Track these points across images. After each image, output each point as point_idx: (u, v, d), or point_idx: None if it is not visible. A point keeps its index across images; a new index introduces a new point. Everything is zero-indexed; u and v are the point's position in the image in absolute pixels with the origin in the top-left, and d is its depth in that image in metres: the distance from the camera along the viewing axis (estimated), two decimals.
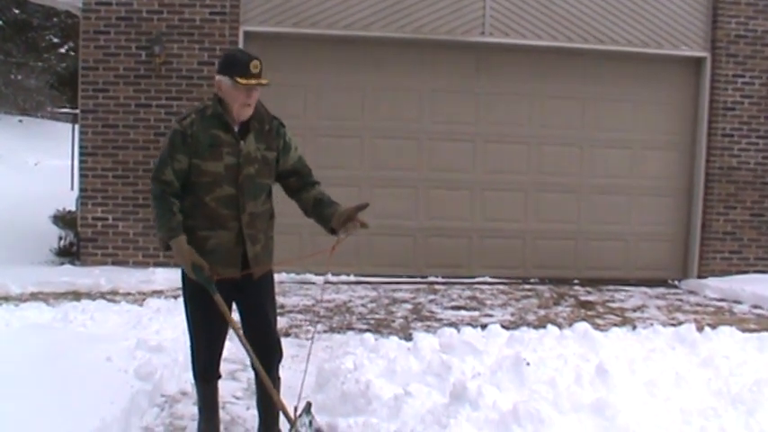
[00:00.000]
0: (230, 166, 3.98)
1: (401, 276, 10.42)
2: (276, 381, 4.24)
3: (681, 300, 9.79)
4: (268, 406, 4.23)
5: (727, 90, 10.87)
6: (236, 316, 4.25)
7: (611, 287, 10.47)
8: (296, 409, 4.05)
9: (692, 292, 10.35)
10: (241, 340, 4.08)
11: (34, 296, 8.30)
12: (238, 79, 3.87)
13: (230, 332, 4.26)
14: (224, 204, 4.01)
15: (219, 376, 4.40)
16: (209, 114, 4.01)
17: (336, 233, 4.06)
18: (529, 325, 7.48)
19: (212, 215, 4.01)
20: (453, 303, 9.01)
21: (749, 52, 10.85)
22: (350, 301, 8.93)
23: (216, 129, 3.99)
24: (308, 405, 4.15)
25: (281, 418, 4.17)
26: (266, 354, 4.15)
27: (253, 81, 3.88)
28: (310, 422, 4.09)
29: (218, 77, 3.99)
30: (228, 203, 4.01)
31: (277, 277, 4.33)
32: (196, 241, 3.99)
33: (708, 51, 10.88)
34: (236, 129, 4.02)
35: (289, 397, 4.23)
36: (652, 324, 7.35)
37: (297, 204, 4.27)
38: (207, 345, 4.22)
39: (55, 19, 24.07)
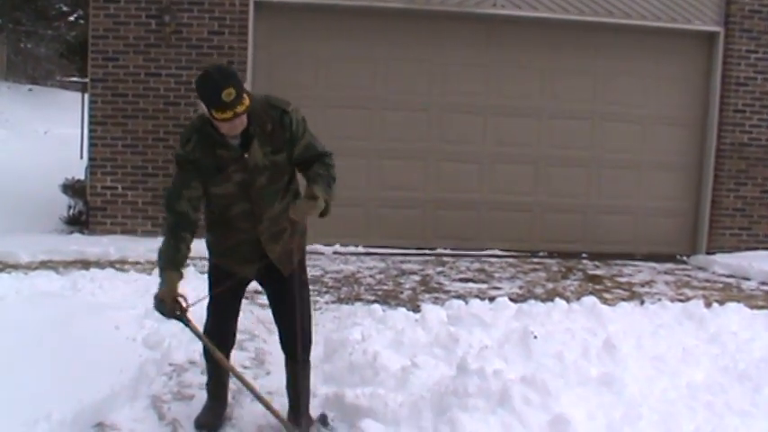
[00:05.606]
0: (241, 183, 3.87)
1: (409, 248, 10.41)
2: (305, 367, 4.21)
3: (689, 275, 9.77)
4: (294, 393, 4.21)
5: (739, 65, 10.77)
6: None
7: (619, 262, 10.44)
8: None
9: (700, 268, 10.31)
10: (242, 381, 4.07)
11: (44, 264, 8.32)
12: (214, 113, 3.61)
13: (243, 305, 4.37)
14: (242, 218, 3.96)
15: (227, 358, 4.32)
16: (208, 132, 3.81)
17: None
18: (537, 298, 7.46)
19: (231, 225, 3.99)
20: (461, 276, 9.01)
21: (763, 27, 10.73)
22: (358, 272, 8.94)
23: (218, 148, 3.82)
24: (323, 417, 4.18)
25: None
26: (289, 341, 4.15)
27: (229, 114, 3.59)
28: None
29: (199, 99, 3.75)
30: (246, 217, 3.95)
31: None
32: (217, 239, 4.04)
33: (721, 26, 10.76)
34: (237, 143, 3.82)
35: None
36: (660, 299, 7.37)
37: None
38: (215, 328, 4.22)
39: None
